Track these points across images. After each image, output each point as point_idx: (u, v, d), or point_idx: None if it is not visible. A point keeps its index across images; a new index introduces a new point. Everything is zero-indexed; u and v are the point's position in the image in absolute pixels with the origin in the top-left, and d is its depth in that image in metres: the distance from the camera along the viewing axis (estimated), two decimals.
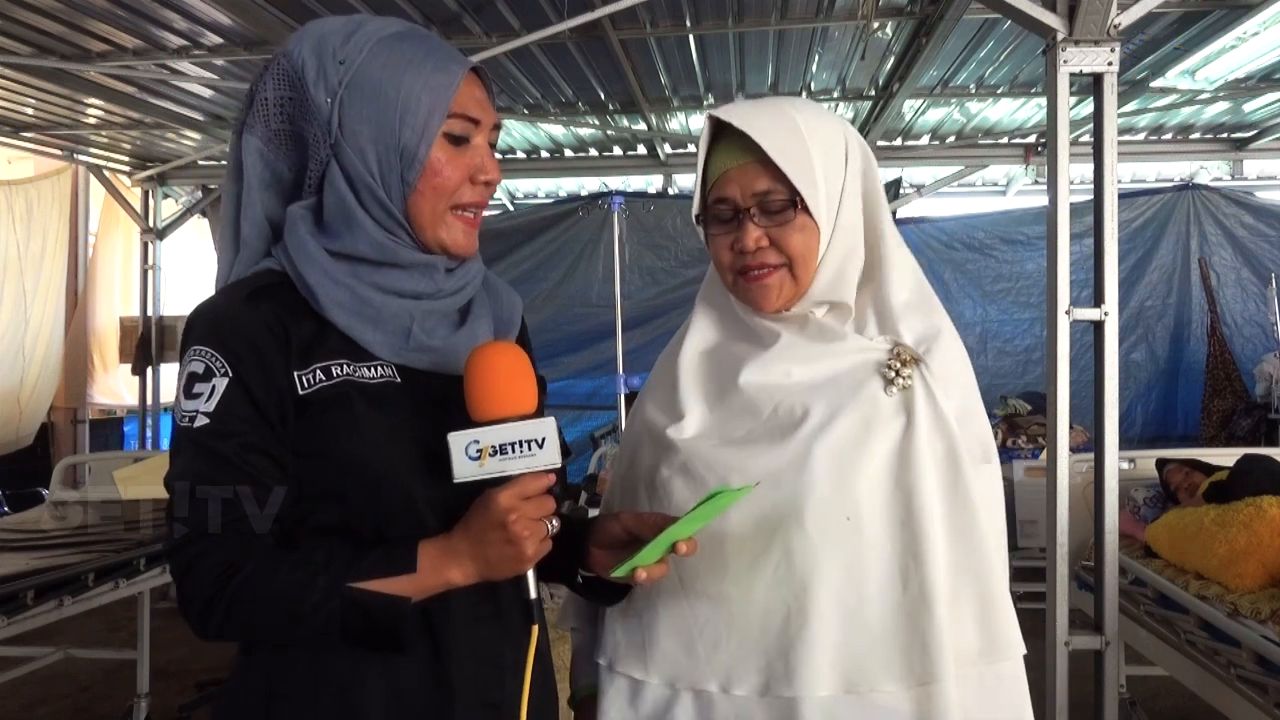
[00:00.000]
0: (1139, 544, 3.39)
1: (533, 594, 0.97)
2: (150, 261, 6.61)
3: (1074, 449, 2.83)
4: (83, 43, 4.19)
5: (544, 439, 0.93)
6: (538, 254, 6.80)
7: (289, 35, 1.02)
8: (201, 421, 0.94)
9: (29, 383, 6.52)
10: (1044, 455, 2.63)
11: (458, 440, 0.93)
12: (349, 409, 0.97)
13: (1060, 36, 2.50)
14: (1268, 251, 6.57)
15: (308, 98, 0.99)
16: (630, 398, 4.31)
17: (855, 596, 1.01)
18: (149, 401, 6.59)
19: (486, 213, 1.10)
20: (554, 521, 0.96)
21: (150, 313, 6.58)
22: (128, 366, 6.75)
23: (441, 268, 1.04)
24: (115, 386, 7.27)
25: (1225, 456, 3.49)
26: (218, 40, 4.18)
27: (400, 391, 1.01)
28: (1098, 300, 2.58)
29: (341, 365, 0.99)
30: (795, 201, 1.06)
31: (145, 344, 6.54)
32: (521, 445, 0.92)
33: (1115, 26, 2.49)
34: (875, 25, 3.97)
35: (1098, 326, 2.59)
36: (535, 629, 0.97)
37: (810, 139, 1.07)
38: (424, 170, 0.99)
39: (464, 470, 0.93)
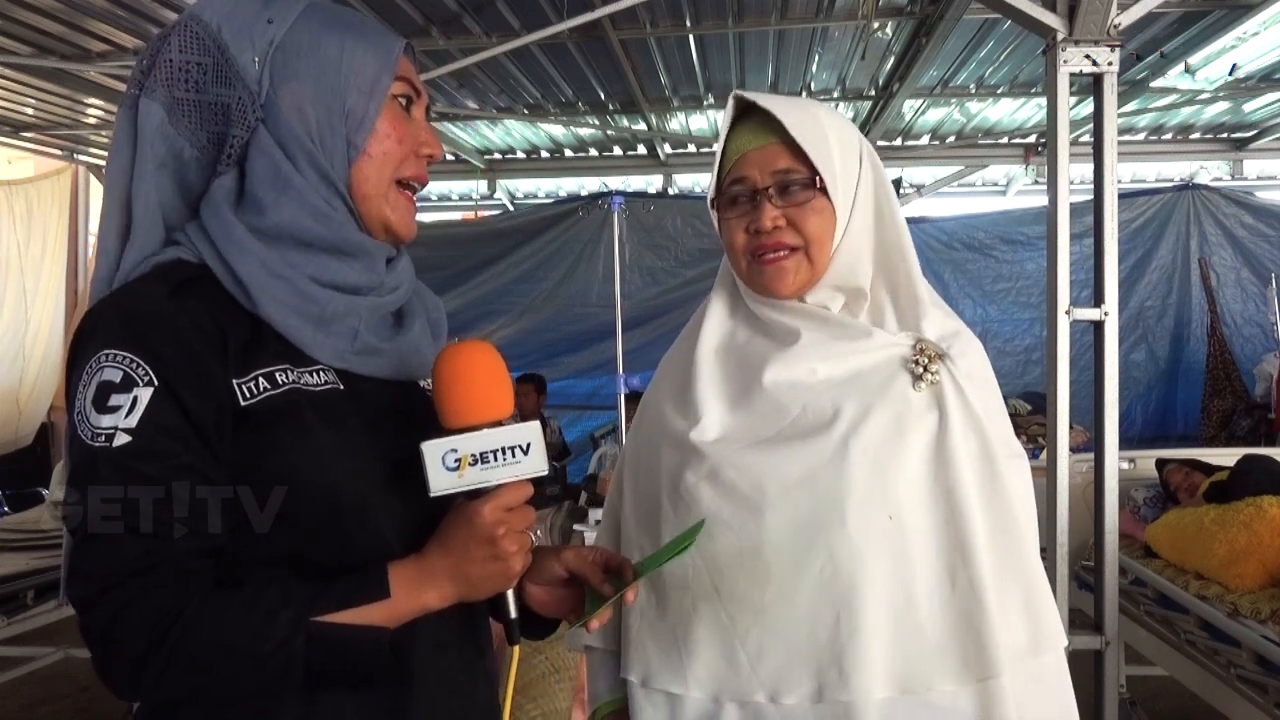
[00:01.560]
0: (1139, 544, 3.39)
1: (513, 613, 0.91)
2: None
3: (1074, 449, 2.83)
4: (83, 43, 4.20)
5: (529, 444, 0.85)
6: (538, 254, 6.79)
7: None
8: (122, 440, 0.79)
9: (29, 383, 6.52)
10: (1044, 455, 2.63)
11: (433, 450, 0.84)
12: (299, 421, 0.86)
13: (1060, 36, 2.51)
14: (1268, 251, 6.56)
15: (228, 60, 0.88)
16: (630, 398, 4.31)
17: (904, 596, 0.99)
18: None
19: (486, 213, 1.06)
20: (537, 532, 0.89)
21: None
22: None
23: (382, 257, 0.95)
24: None
25: (1225, 456, 3.49)
26: None
27: (346, 400, 0.91)
28: (1098, 300, 2.58)
29: (286, 371, 0.87)
30: (814, 181, 1.05)
31: None
32: (505, 453, 0.85)
33: (1115, 26, 2.49)
34: (875, 25, 3.97)
35: (1098, 326, 2.59)
36: (516, 650, 0.92)
37: (829, 133, 1.06)
38: (374, 132, 0.91)
39: (441, 482, 0.84)
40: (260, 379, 0.86)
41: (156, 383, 0.81)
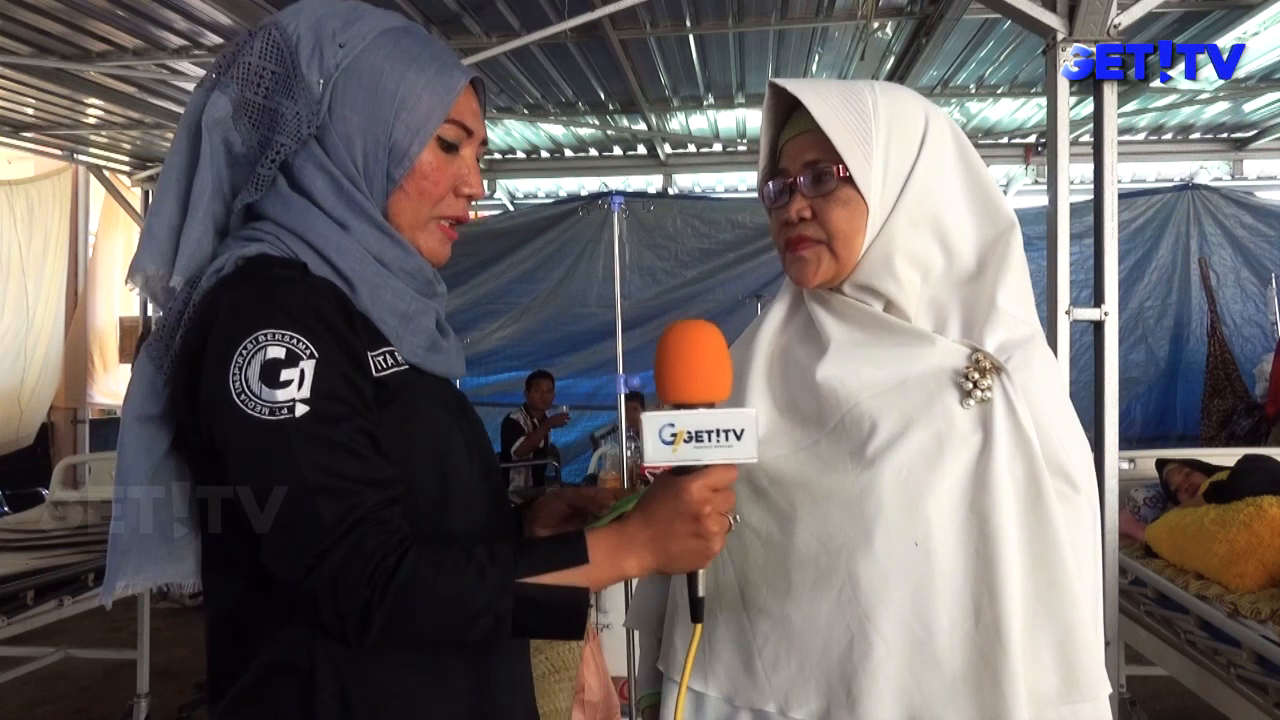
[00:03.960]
0: (1139, 544, 3.39)
1: (701, 591, 0.94)
2: None
3: None
4: (83, 43, 4.20)
5: (742, 430, 0.87)
6: (538, 254, 6.78)
7: (285, 8, 0.97)
8: (302, 410, 0.83)
9: (29, 383, 6.52)
10: None
11: (652, 421, 0.87)
12: (413, 399, 0.94)
13: (1060, 36, 2.51)
14: (1268, 251, 6.56)
15: (298, 75, 0.92)
16: (630, 397, 4.30)
17: (923, 626, 0.95)
18: None
19: (486, 213, 1.09)
20: (736, 516, 0.93)
21: (150, 312, 6.58)
22: (128, 366, 6.75)
23: (428, 272, 1.02)
24: (115, 386, 7.27)
25: (1225, 456, 3.49)
26: (218, 40, 4.18)
27: (418, 387, 0.97)
28: (1098, 300, 2.58)
29: (393, 354, 0.95)
30: (837, 170, 1.00)
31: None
32: (720, 434, 0.87)
33: (1115, 26, 2.49)
34: (875, 25, 3.97)
35: (1098, 326, 2.59)
36: (699, 628, 0.95)
37: (877, 114, 1.01)
38: (412, 171, 0.95)
39: (656, 455, 0.87)
40: (385, 355, 0.94)
41: (317, 355, 0.86)
